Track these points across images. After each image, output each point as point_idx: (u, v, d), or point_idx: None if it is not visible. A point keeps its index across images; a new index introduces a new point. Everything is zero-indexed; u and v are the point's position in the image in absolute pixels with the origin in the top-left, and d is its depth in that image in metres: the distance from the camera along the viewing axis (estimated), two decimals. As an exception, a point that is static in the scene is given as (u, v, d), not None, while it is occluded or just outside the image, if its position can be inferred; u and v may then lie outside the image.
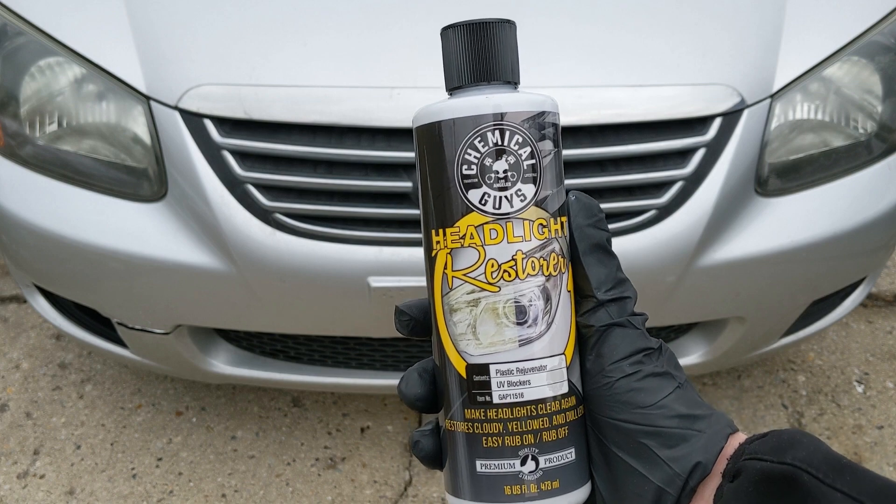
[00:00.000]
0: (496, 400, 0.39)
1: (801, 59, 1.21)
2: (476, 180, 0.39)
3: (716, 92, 1.15)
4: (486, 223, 0.39)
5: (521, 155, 0.39)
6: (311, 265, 1.16)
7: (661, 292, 1.22)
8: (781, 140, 1.22)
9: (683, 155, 1.16)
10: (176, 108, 1.14)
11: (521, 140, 0.39)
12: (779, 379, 1.86)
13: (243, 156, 1.14)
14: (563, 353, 0.39)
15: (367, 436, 1.71)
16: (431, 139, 0.40)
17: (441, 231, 0.40)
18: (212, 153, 1.14)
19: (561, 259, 0.40)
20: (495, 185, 0.39)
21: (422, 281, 0.60)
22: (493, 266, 0.38)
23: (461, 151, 0.39)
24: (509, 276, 0.38)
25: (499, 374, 0.39)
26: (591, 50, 1.18)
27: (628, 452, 0.38)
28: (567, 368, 0.40)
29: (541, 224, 0.39)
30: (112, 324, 1.38)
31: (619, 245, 1.17)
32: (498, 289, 0.39)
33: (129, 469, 1.65)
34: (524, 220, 0.39)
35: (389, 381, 1.44)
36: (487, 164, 0.38)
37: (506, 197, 0.39)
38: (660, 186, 1.16)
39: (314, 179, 1.13)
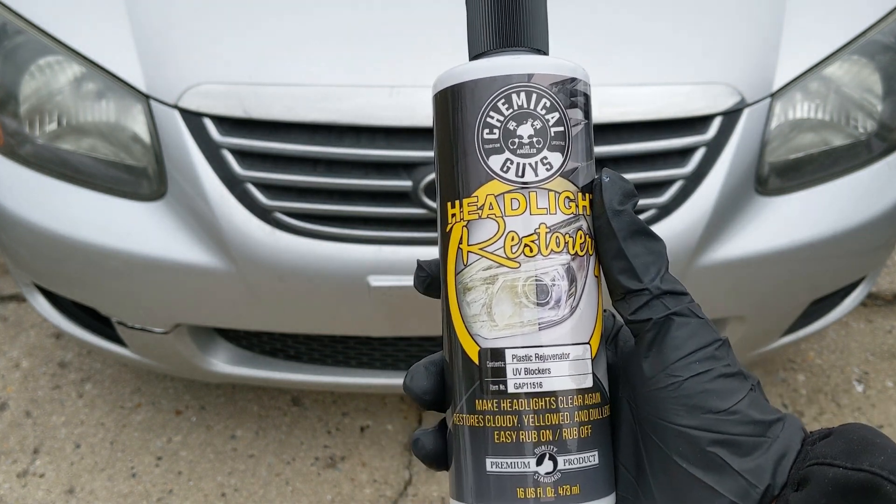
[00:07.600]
0: (511, 389, 0.35)
1: (801, 58, 1.21)
2: (498, 145, 0.35)
3: (716, 91, 1.15)
4: (507, 192, 0.35)
5: (548, 120, 0.35)
6: (311, 264, 1.16)
7: (661, 291, 1.22)
8: (782, 139, 1.22)
9: (683, 154, 1.16)
10: (175, 106, 1.14)
11: (548, 104, 0.35)
12: (779, 378, 1.86)
13: (243, 155, 1.14)
14: (588, 343, 0.36)
15: (366, 435, 1.71)
16: (452, 103, 0.36)
17: (457, 202, 0.36)
18: (211, 152, 1.14)
19: (588, 240, 0.36)
20: (519, 152, 0.35)
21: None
22: (513, 239, 0.35)
23: (483, 114, 0.35)
24: (530, 251, 0.35)
25: (515, 360, 0.35)
26: (591, 48, 1.17)
27: (694, 463, 0.33)
28: (592, 361, 0.36)
29: (567, 197, 0.35)
30: (111, 323, 1.37)
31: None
32: (518, 265, 0.35)
33: (129, 468, 1.65)
34: (549, 190, 0.35)
35: (389, 380, 1.44)
36: (511, 128, 0.35)
37: (530, 164, 0.35)
38: (660, 185, 1.16)
39: (314, 178, 1.13)
